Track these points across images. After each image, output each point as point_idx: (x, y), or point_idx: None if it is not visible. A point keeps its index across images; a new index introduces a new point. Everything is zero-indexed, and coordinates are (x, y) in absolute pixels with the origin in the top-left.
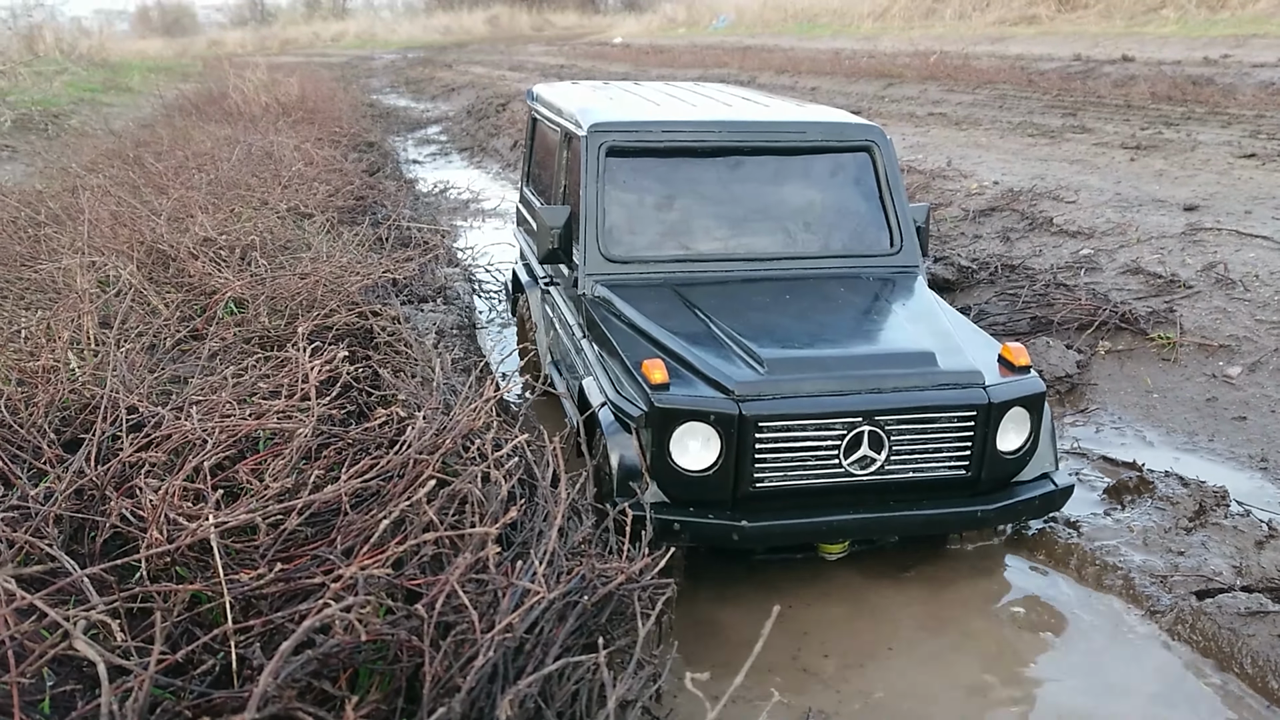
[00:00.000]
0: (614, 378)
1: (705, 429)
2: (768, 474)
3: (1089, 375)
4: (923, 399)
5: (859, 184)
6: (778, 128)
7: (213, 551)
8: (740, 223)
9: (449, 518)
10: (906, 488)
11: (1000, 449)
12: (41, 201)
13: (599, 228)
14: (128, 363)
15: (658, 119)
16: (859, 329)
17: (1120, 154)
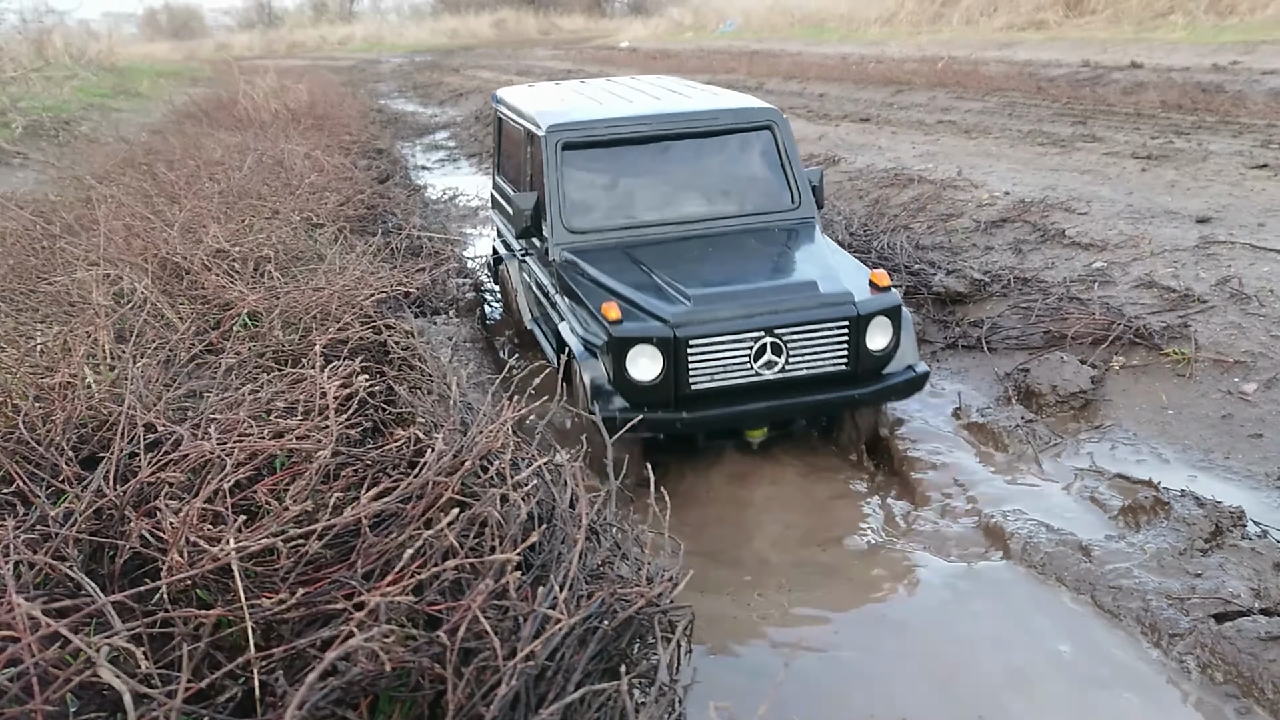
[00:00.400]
0: (581, 320)
1: (651, 349)
2: (699, 379)
3: (1103, 391)
4: (808, 315)
5: (764, 155)
6: (697, 116)
7: (233, 573)
8: (672, 194)
9: (469, 541)
10: (802, 382)
11: (870, 348)
12: (55, 212)
13: (561, 208)
14: (144, 379)
15: (601, 117)
16: (763, 268)
17: (1131, 164)
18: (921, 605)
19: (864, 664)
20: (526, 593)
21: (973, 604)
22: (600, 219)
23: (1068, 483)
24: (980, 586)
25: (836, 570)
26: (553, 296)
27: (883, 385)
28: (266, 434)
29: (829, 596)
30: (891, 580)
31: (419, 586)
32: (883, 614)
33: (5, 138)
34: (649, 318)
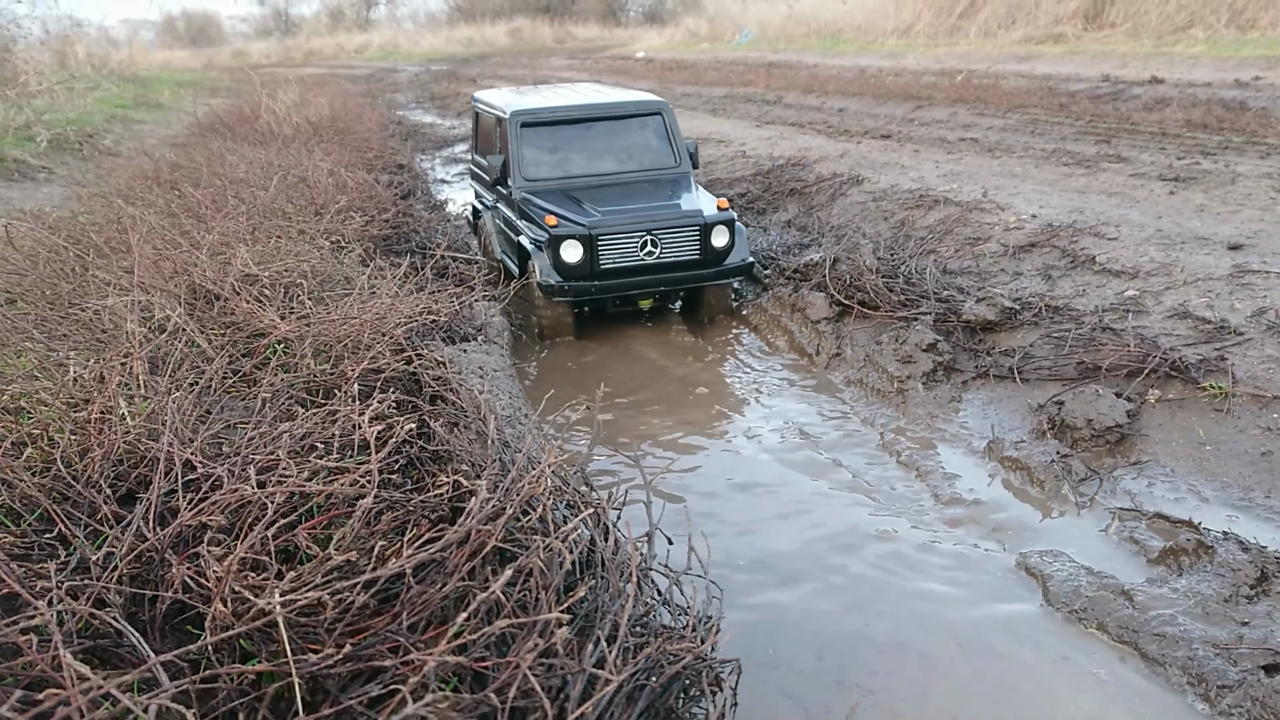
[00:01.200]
0: (533, 229)
1: (575, 242)
2: (605, 261)
3: (1139, 425)
4: (673, 222)
5: (655, 132)
6: (610, 106)
7: (270, 617)
8: (593, 157)
9: (514, 593)
10: (671, 266)
11: (713, 244)
12: (85, 234)
13: (520, 165)
14: (180, 412)
15: (545, 105)
16: (648, 198)
17: (1159, 186)
18: (953, 655)
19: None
20: (572, 645)
21: (1009, 650)
22: (544, 172)
23: (1105, 522)
24: (1016, 632)
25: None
26: (514, 222)
27: (723, 269)
28: (306, 474)
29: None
30: (912, 612)
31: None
32: (909, 646)
33: (31, 151)
34: (573, 224)
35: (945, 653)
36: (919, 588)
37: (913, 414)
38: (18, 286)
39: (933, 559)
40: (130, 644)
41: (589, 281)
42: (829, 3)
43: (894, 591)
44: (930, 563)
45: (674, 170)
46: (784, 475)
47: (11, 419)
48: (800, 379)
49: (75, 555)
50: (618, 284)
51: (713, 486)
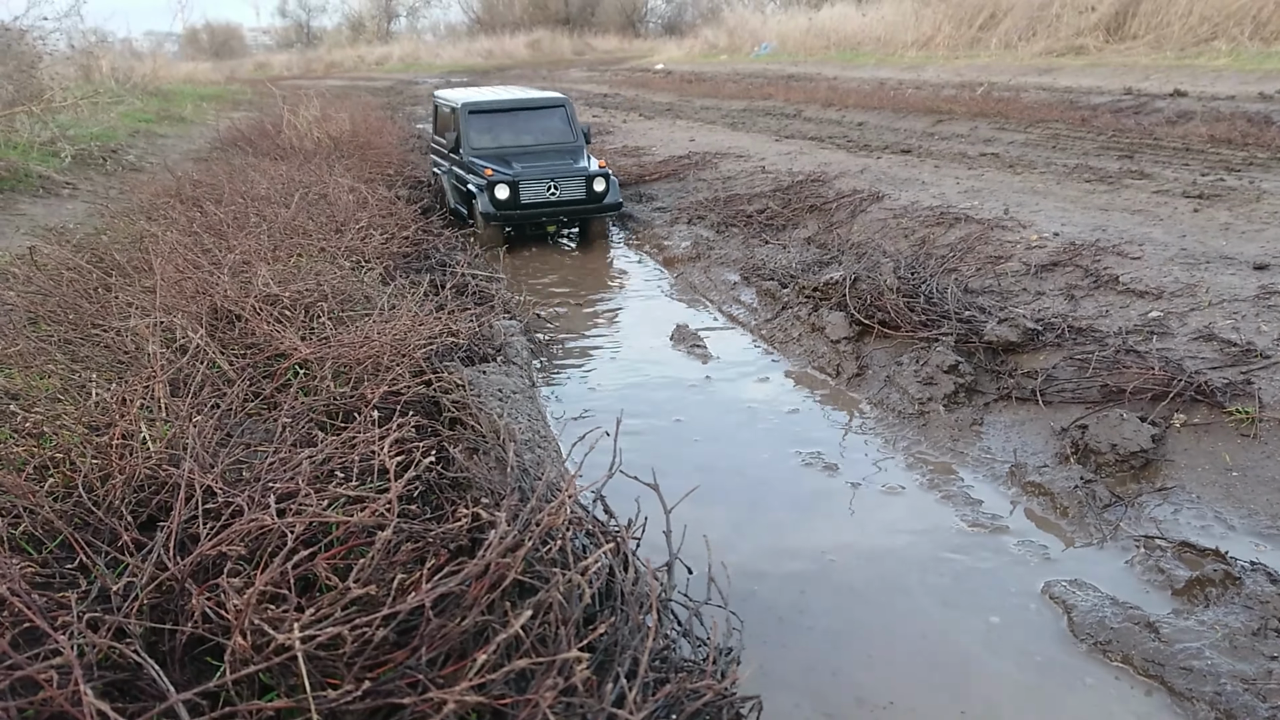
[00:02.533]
0: (476, 179)
1: (505, 185)
2: (525, 198)
3: (1164, 450)
4: (568, 174)
5: (561, 119)
6: (530, 100)
7: (291, 652)
8: (519, 133)
9: (534, 627)
10: (567, 202)
11: (594, 190)
12: (108, 253)
13: (468, 139)
14: (200, 437)
15: (486, 99)
16: (554, 159)
17: (1183, 203)
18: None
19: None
20: (592, 683)
21: (1034, 682)
22: (485, 144)
23: (1130, 551)
24: (1041, 663)
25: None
26: (464, 176)
27: (600, 205)
28: (325, 503)
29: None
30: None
31: (481, 670)
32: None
33: (55, 167)
34: (503, 174)
35: (968, 682)
36: (941, 615)
37: (934, 436)
38: (41, 307)
39: (955, 585)
40: (149, 676)
41: (513, 211)
42: (849, 15)
43: (915, 618)
44: (953, 589)
45: (573, 144)
46: (798, 487)
47: (34, 443)
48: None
49: (96, 584)
50: (533, 213)
51: (725, 487)
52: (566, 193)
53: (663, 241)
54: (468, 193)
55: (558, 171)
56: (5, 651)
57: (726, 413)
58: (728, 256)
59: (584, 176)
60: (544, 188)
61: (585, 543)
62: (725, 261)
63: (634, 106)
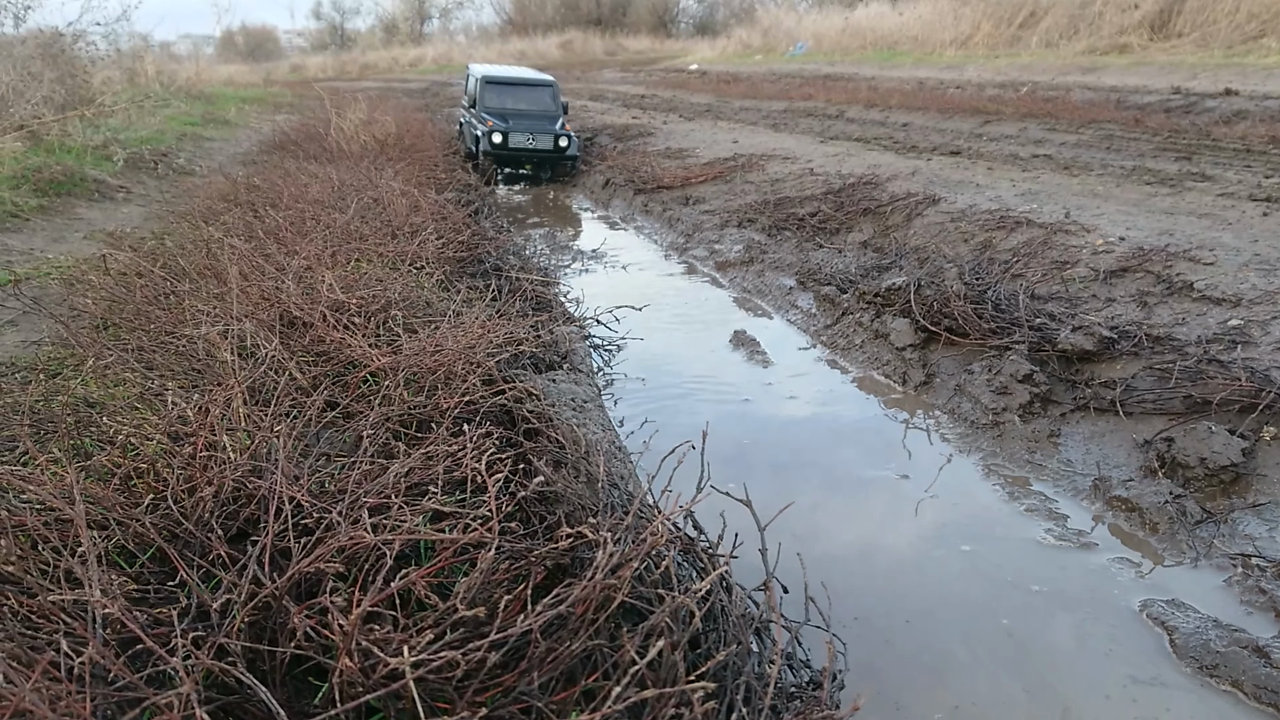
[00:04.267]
0: (482, 127)
1: (499, 133)
2: (513, 143)
3: (1255, 464)
4: (542, 131)
5: (549, 95)
6: (529, 79)
7: (401, 678)
8: (516, 100)
9: (648, 653)
10: (541, 150)
11: (560, 145)
12: (174, 260)
13: (482, 101)
14: (284, 449)
15: (498, 74)
16: (537, 121)
17: (1250, 207)
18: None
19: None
20: (709, 712)
21: (1140, 707)
22: (493, 110)
23: (1227, 570)
24: (1146, 686)
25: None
26: (476, 125)
27: (565, 156)
28: (419, 518)
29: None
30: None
31: (589, 694)
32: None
33: (108, 171)
34: (499, 124)
35: (1071, 705)
36: (1037, 634)
37: (1010, 448)
38: (113, 314)
39: (1047, 604)
40: (254, 697)
41: (503, 151)
42: (885, 14)
43: (1009, 636)
44: (1045, 608)
45: (555, 114)
46: (873, 498)
47: (119, 453)
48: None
49: (194, 601)
50: (516, 153)
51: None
52: (540, 144)
53: (714, 245)
54: (475, 136)
55: (536, 129)
56: (128, 679)
57: (793, 420)
58: (781, 261)
59: (553, 134)
60: (525, 138)
61: (680, 560)
62: (779, 266)
63: (672, 108)
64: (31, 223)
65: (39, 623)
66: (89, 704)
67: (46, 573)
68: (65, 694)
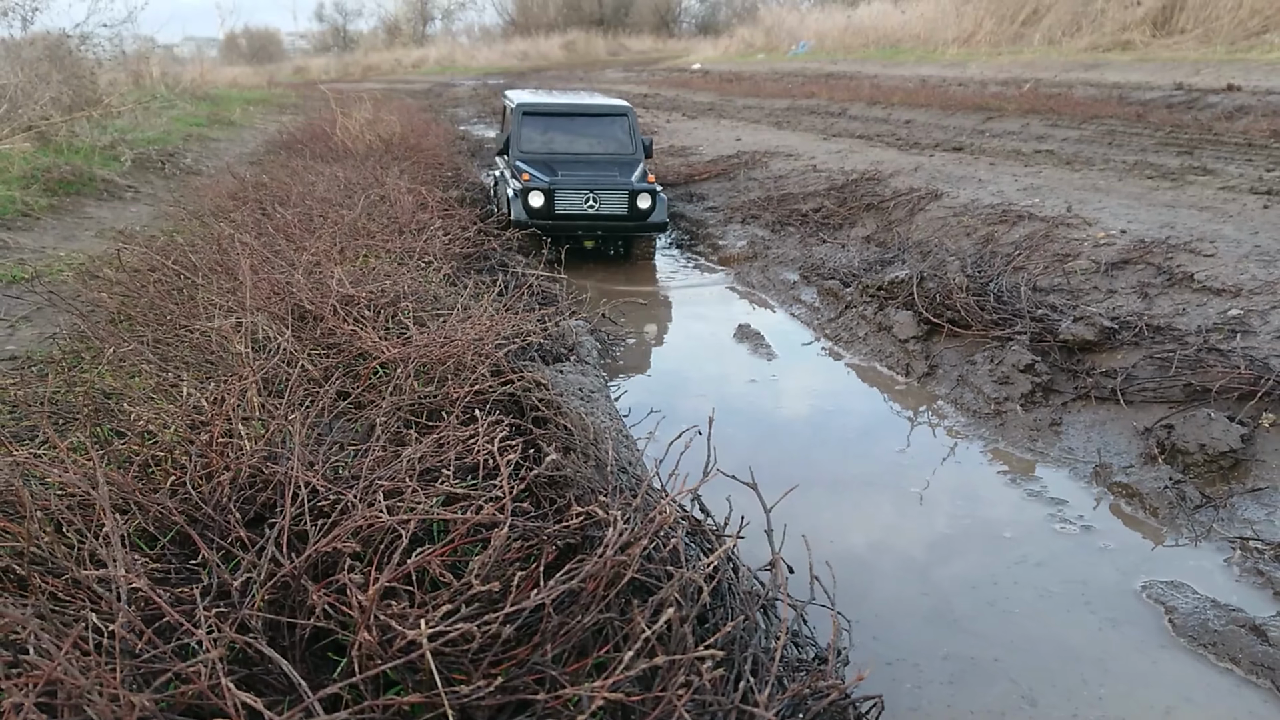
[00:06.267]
0: (516, 183)
1: (538, 193)
2: (560, 209)
3: (1254, 450)
4: (609, 186)
5: (621, 128)
6: (590, 107)
7: (418, 647)
8: (572, 139)
9: (657, 626)
10: (606, 217)
11: (638, 206)
12: (185, 255)
13: (519, 141)
14: (299, 437)
15: (543, 101)
16: (600, 170)
17: (1251, 200)
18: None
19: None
20: (717, 682)
21: (1141, 683)
22: (535, 148)
23: (1226, 552)
24: (1147, 665)
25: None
26: (509, 180)
27: (643, 224)
28: (434, 501)
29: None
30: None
31: (600, 666)
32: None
33: (116, 171)
34: (539, 178)
35: (1071, 679)
36: (1041, 613)
37: (1012, 436)
38: (128, 308)
39: (1050, 584)
40: (275, 670)
41: (547, 221)
42: (888, 12)
43: (1013, 617)
44: (1048, 588)
45: (631, 157)
46: (880, 484)
47: (138, 441)
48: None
49: (215, 580)
50: (567, 224)
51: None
52: (606, 206)
53: (717, 241)
54: (508, 197)
55: (599, 182)
56: (158, 647)
57: (797, 411)
58: (785, 255)
59: (627, 190)
60: (581, 199)
61: (688, 541)
62: (783, 261)
63: (675, 106)
64: (42, 221)
65: (66, 600)
66: (118, 675)
67: (71, 554)
68: (94, 665)
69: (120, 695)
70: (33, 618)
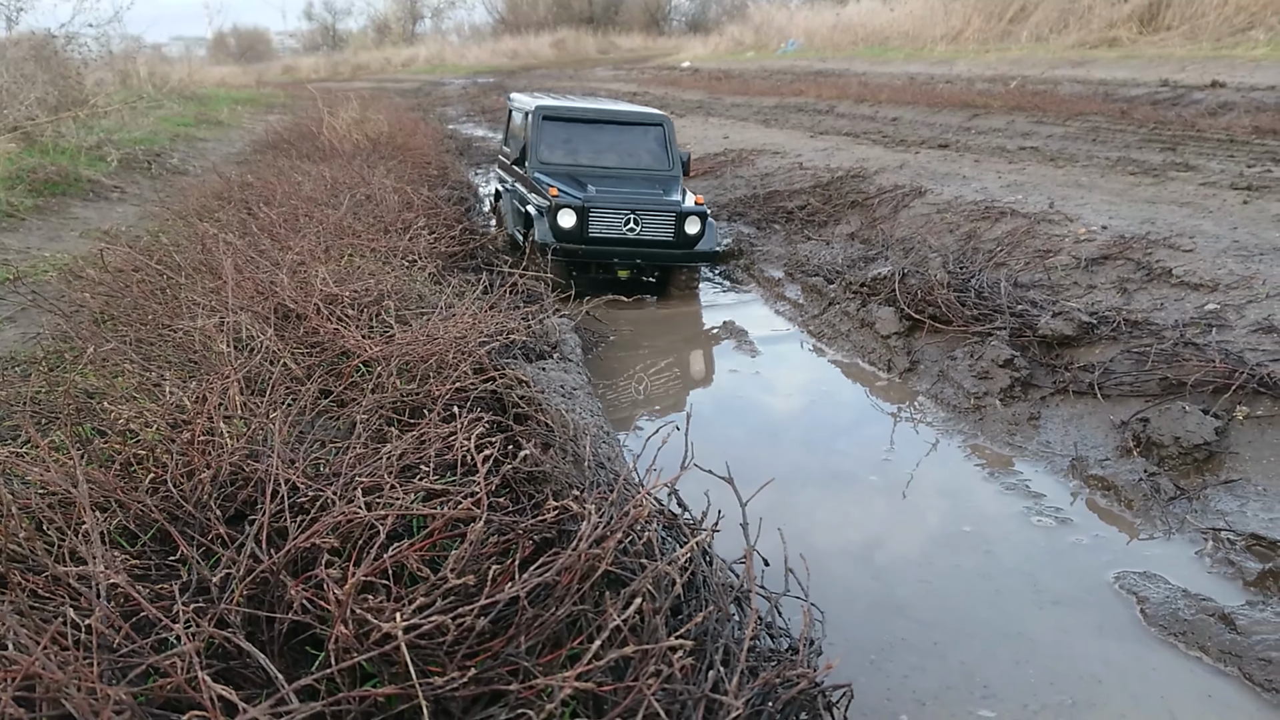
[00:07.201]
0: (537, 199)
1: (570, 211)
2: (594, 230)
3: (1228, 442)
4: (653, 207)
5: (655, 140)
6: (621, 114)
7: (395, 642)
8: (599, 152)
9: (629, 616)
10: (649, 243)
11: (686, 231)
12: (169, 255)
13: (537, 150)
14: (280, 435)
15: (567, 105)
16: (638, 187)
17: (1231, 195)
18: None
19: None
20: (688, 670)
21: (1112, 672)
22: (557, 159)
23: (1199, 543)
24: (1118, 653)
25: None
26: (525, 195)
27: (691, 252)
28: (411, 497)
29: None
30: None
31: (574, 657)
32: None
33: (102, 171)
34: (571, 196)
35: (1042, 669)
36: (1014, 604)
37: (991, 430)
38: (111, 308)
39: (1024, 575)
40: (253, 664)
41: (578, 245)
42: (876, 10)
43: (986, 607)
44: (1022, 579)
45: (667, 173)
46: (858, 478)
47: (120, 440)
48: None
49: (194, 576)
50: (603, 250)
51: (794, 491)
52: (649, 231)
53: None
54: (526, 215)
55: (641, 202)
56: (135, 642)
57: (781, 406)
58: (770, 253)
59: (674, 213)
60: (621, 220)
61: (664, 536)
62: (768, 258)
63: (664, 104)
64: (27, 222)
65: (46, 597)
66: (95, 669)
67: (51, 551)
68: (73, 659)
69: (97, 689)
70: (11, 614)
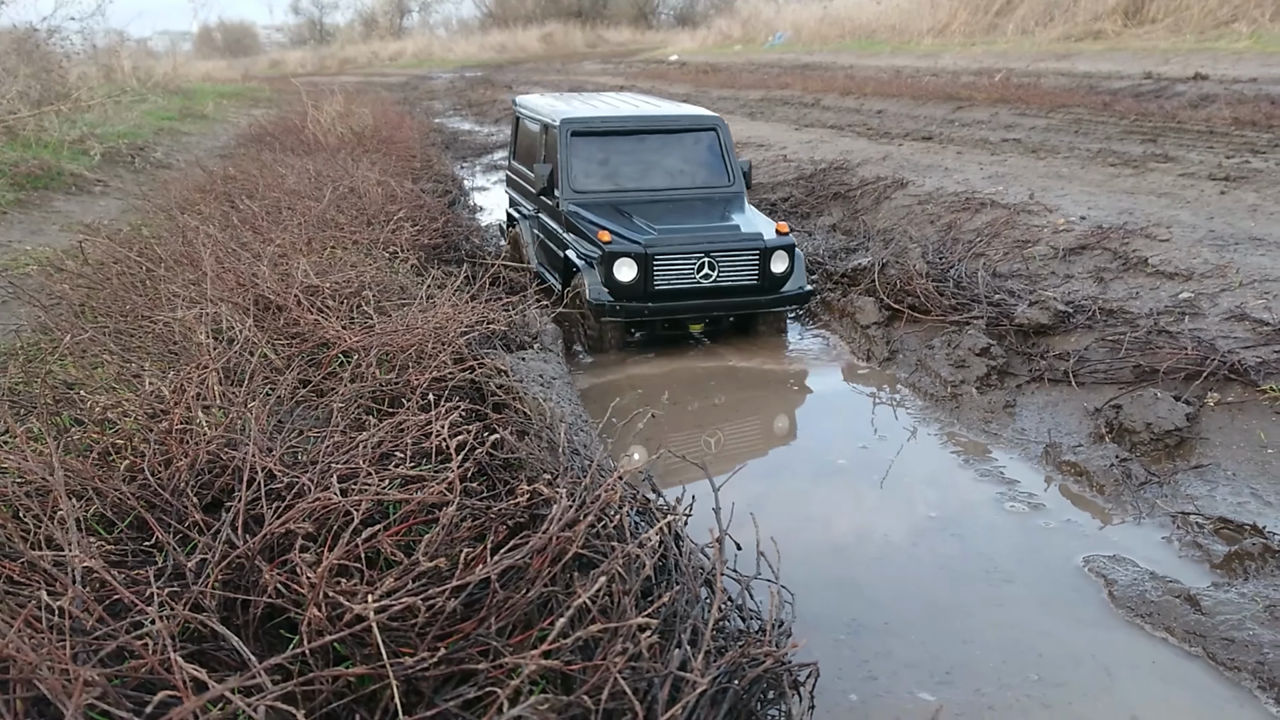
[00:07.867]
0: (583, 244)
1: (629, 260)
2: (660, 282)
3: (1199, 428)
4: (732, 245)
5: (710, 149)
6: (662, 119)
7: (367, 625)
8: (644, 171)
9: (598, 598)
10: (728, 290)
11: (773, 270)
12: (150, 248)
13: (568, 176)
14: (258, 424)
15: (596, 115)
16: (705, 217)
17: (1209, 186)
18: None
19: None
20: (655, 650)
21: (1078, 654)
22: (594, 185)
23: (1168, 527)
24: (1085, 636)
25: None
26: (560, 235)
27: (781, 295)
28: (386, 483)
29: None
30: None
31: (546, 639)
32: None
33: (85, 165)
34: (628, 241)
35: (1009, 651)
36: (983, 588)
37: (967, 418)
38: (91, 299)
39: (994, 563)
40: (227, 646)
41: (642, 303)
42: (864, 4)
43: (956, 591)
44: (993, 563)
45: (728, 190)
46: (840, 479)
47: (97, 430)
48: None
49: (170, 562)
50: (671, 306)
51: (772, 493)
52: (728, 274)
53: None
54: (566, 262)
55: (715, 239)
56: (109, 624)
57: (758, 395)
58: None
59: (757, 249)
60: (693, 266)
61: (637, 520)
62: None
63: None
64: (9, 216)
65: (21, 582)
66: (69, 650)
67: (27, 539)
68: (46, 642)
69: (70, 670)
70: None
